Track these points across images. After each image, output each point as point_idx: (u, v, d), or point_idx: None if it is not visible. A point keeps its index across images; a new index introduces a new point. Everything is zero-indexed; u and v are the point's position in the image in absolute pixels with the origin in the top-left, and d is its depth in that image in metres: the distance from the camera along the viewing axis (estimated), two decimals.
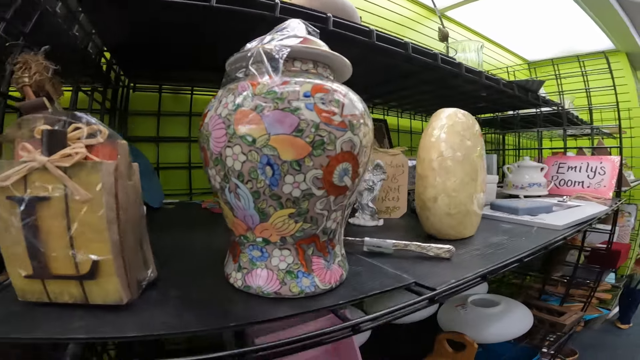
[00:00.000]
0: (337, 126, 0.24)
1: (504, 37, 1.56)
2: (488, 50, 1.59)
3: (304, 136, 0.23)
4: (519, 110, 1.19)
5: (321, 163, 0.24)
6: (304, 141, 0.23)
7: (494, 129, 1.38)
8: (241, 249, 0.28)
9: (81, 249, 0.22)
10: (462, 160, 0.46)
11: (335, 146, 0.24)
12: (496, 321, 0.88)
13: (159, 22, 0.44)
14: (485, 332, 0.85)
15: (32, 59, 0.30)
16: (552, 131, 1.36)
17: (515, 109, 1.19)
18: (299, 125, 0.23)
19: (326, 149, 0.24)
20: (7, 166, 0.21)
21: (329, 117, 0.24)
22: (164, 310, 0.24)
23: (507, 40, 1.58)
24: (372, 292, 0.29)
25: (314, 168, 0.24)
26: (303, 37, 0.29)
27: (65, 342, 0.20)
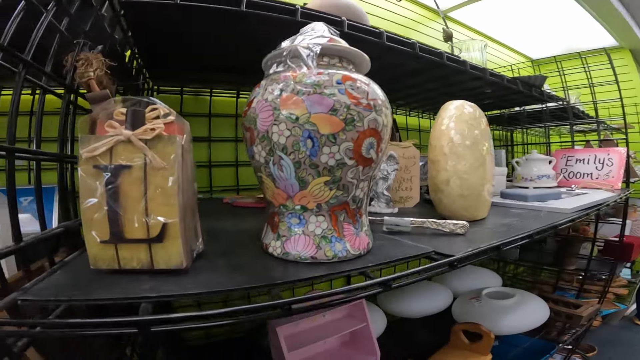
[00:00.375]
0: (365, 107, 0.29)
1: (507, 36, 1.60)
2: (492, 50, 1.62)
3: (338, 114, 0.27)
4: (525, 106, 1.22)
5: (352, 137, 0.28)
6: (338, 119, 0.27)
7: (502, 125, 1.41)
8: (280, 218, 0.32)
9: (153, 212, 0.26)
10: (471, 146, 0.49)
11: (363, 123, 0.28)
12: (511, 313, 0.89)
13: (190, 27, 0.50)
14: (500, 323, 0.86)
15: (92, 56, 0.35)
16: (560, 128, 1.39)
17: (521, 105, 1.22)
18: (334, 106, 0.27)
19: (356, 125, 0.28)
20: (94, 140, 0.26)
21: (357, 100, 0.28)
22: (217, 274, 0.28)
23: (510, 39, 1.61)
24: (396, 258, 0.33)
25: (346, 141, 0.28)
26: (329, 37, 0.33)
27: (138, 302, 0.24)
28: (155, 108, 0.28)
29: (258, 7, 0.44)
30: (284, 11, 0.46)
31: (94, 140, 0.26)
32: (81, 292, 0.23)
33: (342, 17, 0.51)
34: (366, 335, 0.70)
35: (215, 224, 0.51)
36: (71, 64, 0.36)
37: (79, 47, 0.36)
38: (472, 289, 1.05)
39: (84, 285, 0.25)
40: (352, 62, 0.35)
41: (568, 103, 1.05)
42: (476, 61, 1.04)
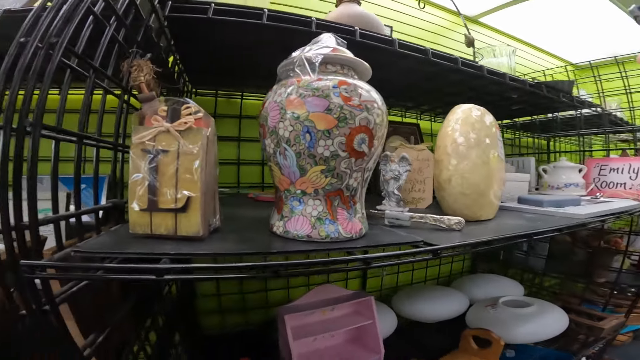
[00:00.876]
0: (357, 107, 0.33)
1: (545, 40, 1.54)
2: (529, 55, 1.57)
3: (332, 113, 0.33)
4: (557, 113, 1.18)
5: (344, 132, 0.33)
6: (332, 117, 0.33)
7: (533, 132, 1.36)
8: (284, 201, 0.37)
9: (181, 187, 0.33)
10: (475, 147, 0.52)
11: (355, 121, 0.33)
12: (527, 321, 0.87)
13: (225, 36, 0.57)
14: (514, 331, 0.84)
15: (143, 63, 0.43)
16: (600, 136, 1.31)
17: (553, 111, 1.18)
18: (329, 106, 0.33)
19: (348, 122, 0.33)
20: (143, 129, 0.33)
21: (350, 101, 0.33)
22: (226, 243, 0.34)
23: (548, 44, 1.55)
24: (383, 243, 0.37)
25: (339, 136, 0.33)
26: (333, 47, 0.39)
27: (160, 257, 0.30)
28: (189, 107, 0.34)
29: (278, 20, 0.50)
30: (300, 23, 0.52)
31: (142, 130, 0.33)
32: (118, 249, 0.30)
33: (355, 27, 0.56)
34: (372, 333, 0.73)
35: (235, 212, 0.58)
36: (127, 70, 0.45)
37: (133, 55, 0.45)
38: (491, 296, 1.04)
39: (122, 245, 0.32)
40: (354, 69, 0.40)
41: (603, 110, 1.01)
42: (504, 66, 1.03)
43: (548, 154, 1.44)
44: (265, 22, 0.50)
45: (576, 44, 1.47)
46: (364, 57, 0.39)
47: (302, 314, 0.69)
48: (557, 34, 1.44)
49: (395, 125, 1.19)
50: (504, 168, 0.61)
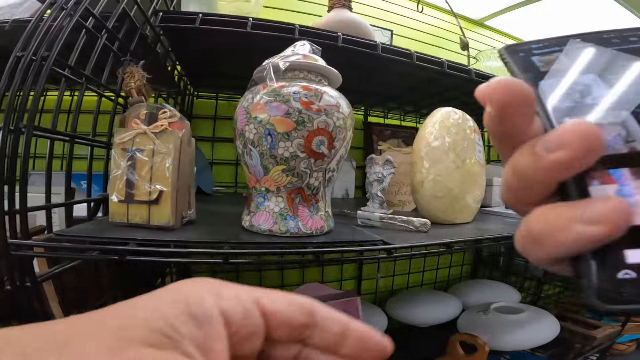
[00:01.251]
0: (315, 111, 0.36)
1: None
2: None
3: (291, 117, 0.35)
4: None
5: (303, 135, 0.36)
6: (291, 120, 0.35)
7: None
8: (252, 197, 0.41)
9: (154, 182, 0.36)
10: (449, 150, 0.53)
11: (313, 124, 0.36)
12: (517, 328, 0.86)
13: (215, 43, 0.61)
14: (503, 337, 0.84)
15: (135, 70, 0.47)
16: None
17: None
18: (288, 111, 0.35)
19: (306, 125, 0.36)
20: (124, 131, 0.37)
21: (308, 106, 0.36)
22: (193, 233, 0.37)
23: None
24: (342, 240, 0.39)
25: (297, 138, 0.36)
26: (303, 54, 0.41)
27: (127, 241, 0.34)
28: (165, 111, 0.38)
29: (261, 28, 0.54)
30: (284, 30, 0.55)
31: (123, 131, 0.37)
32: (95, 234, 0.34)
33: (338, 33, 0.59)
34: (353, 306, 0.75)
35: (219, 208, 0.62)
36: (121, 76, 0.49)
37: (126, 63, 0.49)
38: (485, 302, 1.03)
39: (100, 231, 0.36)
40: (323, 75, 0.42)
41: None
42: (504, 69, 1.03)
43: None
44: (250, 30, 0.53)
45: None
46: (355, 62, 0.41)
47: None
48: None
49: (393, 128, 1.21)
50: (484, 172, 0.62)
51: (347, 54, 0.64)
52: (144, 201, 0.36)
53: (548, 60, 0.15)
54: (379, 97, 1.05)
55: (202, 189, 0.82)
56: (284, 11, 0.96)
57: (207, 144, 0.98)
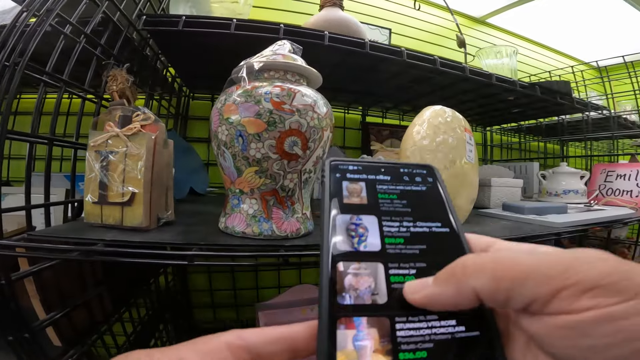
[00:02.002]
0: (287, 112, 0.35)
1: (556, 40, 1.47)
2: (540, 55, 1.51)
3: (262, 118, 0.35)
4: (563, 115, 1.12)
5: (274, 136, 0.35)
6: (262, 121, 0.35)
7: (539, 136, 1.31)
8: (228, 199, 0.40)
9: (127, 184, 0.36)
10: (435, 150, 0.52)
11: (285, 125, 0.35)
12: None
13: (203, 45, 0.61)
14: None
15: (118, 73, 0.47)
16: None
17: (558, 114, 1.13)
18: (259, 111, 0.35)
19: (277, 126, 0.35)
20: (97, 134, 0.37)
21: (279, 106, 0.35)
22: (167, 234, 0.37)
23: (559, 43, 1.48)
24: (315, 243, 0.38)
25: (269, 139, 0.35)
26: (282, 54, 0.41)
27: (96, 242, 0.34)
28: (138, 114, 0.38)
29: (246, 29, 0.53)
30: (268, 30, 0.54)
31: (96, 134, 0.38)
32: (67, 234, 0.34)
33: (325, 32, 0.58)
34: None
35: (206, 209, 0.62)
36: (104, 79, 0.49)
37: (109, 67, 0.50)
38: None
39: (73, 231, 0.36)
40: (301, 75, 0.42)
41: (610, 112, 0.95)
42: (505, 67, 1.00)
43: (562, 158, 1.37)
44: (234, 31, 0.53)
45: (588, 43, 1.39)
46: (347, 62, 0.40)
47: (281, 312, 0.71)
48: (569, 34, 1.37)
49: (392, 128, 1.19)
50: (476, 172, 0.61)
51: (338, 53, 0.63)
52: (117, 202, 0.36)
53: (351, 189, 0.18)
54: (375, 97, 1.04)
55: (196, 189, 0.83)
56: (276, 11, 0.96)
57: (203, 144, 0.99)
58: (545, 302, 0.12)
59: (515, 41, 1.46)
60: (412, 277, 0.15)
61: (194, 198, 0.78)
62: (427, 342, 0.14)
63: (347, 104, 1.12)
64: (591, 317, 0.12)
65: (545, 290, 0.12)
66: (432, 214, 0.18)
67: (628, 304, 0.12)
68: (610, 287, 0.12)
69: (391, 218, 0.17)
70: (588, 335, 0.12)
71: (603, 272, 0.12)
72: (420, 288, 0.14)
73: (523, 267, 0.13)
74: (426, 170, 0.20)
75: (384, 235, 0.17)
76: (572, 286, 0.12)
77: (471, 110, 1.09)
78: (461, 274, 0.14)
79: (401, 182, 0.19)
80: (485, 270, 0.13)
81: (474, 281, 0.13)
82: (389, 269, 0.15)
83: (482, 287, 0.13)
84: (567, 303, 0.12)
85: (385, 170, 0.19)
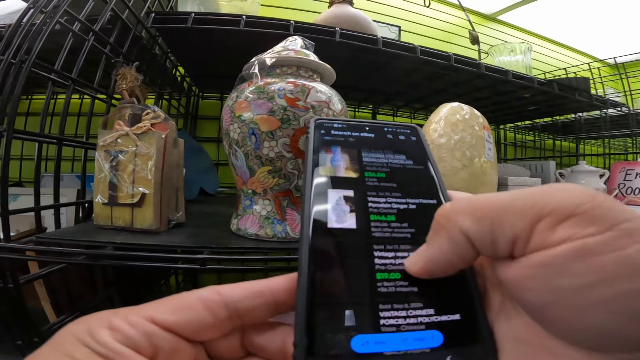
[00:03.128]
0: (302, 108, 0.34)
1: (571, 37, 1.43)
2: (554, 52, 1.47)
3: (275, 115, 0.33)
4: (580, 113, 1.09)
5: (288, 134, 0.34)
6: (276, 118, 0.33)
7: (556, 134, 1.27)
8: (240, 200, 0.39)
9: (137, 184, 0.35)
10: (453, 149, 0.50)
11: (299, 122, 0.34)
12: None
13: (212, 43, 0.60)
14: None
15: (127, 72, 0.46)
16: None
17: (575, 111, 1.09)
18: (272, 108, 0.33)
19: (291, 123, 0.34)
20: (107, 133, 0.36)
21: (293, 103, 0.34)
22: (177, 237, 0.36)
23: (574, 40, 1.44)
24: None
25: (283, 137, 0.34)
26: (294, 50, 0.39)
27: (106, 245, 0.33)
28: (148, 112, 0.37)
29: (256, 25, 0.52)
30: (279, 27, 0.53)
31: (106, 133, 0.37)
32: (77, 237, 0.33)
33: (336, 28, 0.56)
34: None
35: (217, 209, 0.61)
36: (114, 78, 0.49)
37: (118, 65, 0.49)
38: None
39: (82, 234, 0.35)
40: (314, 71, 0.40)
41: (629, 109, 0.92)
42: (519, 64, 0.98)
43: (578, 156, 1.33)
44: (243, 28, 0.52)
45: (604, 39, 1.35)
46: (358, 59, 0.39)
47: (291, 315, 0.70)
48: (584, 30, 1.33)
49: None
50: (495, 171, 0.58)
51: (349, 51, 0.61)
52: (127, 204, 0.35)
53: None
54: (387, 95, 1.02)
55: (206, 189, 0.82)
56: (285, 9, 0.95)
57: (213, 144, 0.98)
58: (525, 239, 0.12)
59: (528, 38, 1.43)
60: (387, 205, 0.16)
61: (204, 198, 0.77)
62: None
63: (358, 102, 1.10)
64: (566, 250, 0.11)
65: (523, 224, 0.12)
66: (413, 161, 0.18)
67: (603, 236, 0.10)
68: (585, 216, 0.11)
69: (370, 152, 0.18)
70: (563, 274, 0.11)
71: (578, 200, 0.11)
72: (418, 257, 0.14)
73: (498, 204, 0.12)
74: (410, 129, 0.20)
75: (363, 168, 0.17)
76: (547, 216, 0.11)
77: (485, 107, 1.06)
78: (446, 222, 0.13)
79: (384, 139, 0.19)
80: (466, 213, 0.13)
81: (461, 222, 0.13)
82: (368, 197, 0.16)
83: (469, 228, 0.13)
84: (544, 237, 0.11)
85: (370, 129, 0.20)
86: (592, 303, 0.10)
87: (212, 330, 0.13)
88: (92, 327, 0.12)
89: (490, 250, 0.13)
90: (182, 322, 0.13)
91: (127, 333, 0.12)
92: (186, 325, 0.13)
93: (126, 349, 0.12)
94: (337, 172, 0.17)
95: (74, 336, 0.12)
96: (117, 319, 0.12)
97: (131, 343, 0.12)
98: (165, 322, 0.13)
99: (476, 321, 0.13)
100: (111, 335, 0.12)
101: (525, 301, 0.12)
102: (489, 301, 0.14)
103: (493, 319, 0.13)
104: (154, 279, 0.71)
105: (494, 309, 0.14)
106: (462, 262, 0.13)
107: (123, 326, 0.12)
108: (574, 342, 0.11)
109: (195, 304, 0.13)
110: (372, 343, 0.12)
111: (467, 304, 0.14)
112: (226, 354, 0.15)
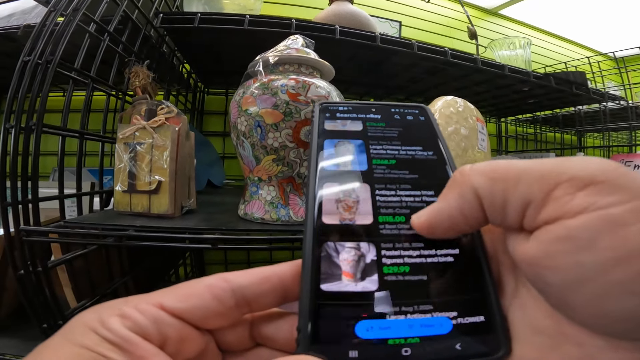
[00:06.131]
0: (303, 103, 0.37)
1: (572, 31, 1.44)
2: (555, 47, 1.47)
3: (279, 109, 0.36)
4: (580, 106, 1.10)
5: (291, 125, 0.37)
6: (279, 112, 0.36)
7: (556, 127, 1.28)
8: (247, 187, 0.42)
9: (154, 173, 0.39)
10: (447, 139, 0.52)
11: (300, 115, 0.37)
12: None
13: (218, 41, 0.63)
14: None
15: (140, 70, 0.49)
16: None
17: (574, 105, 1.10)
18: (276, 103, 0.36)
19: (293, 116, 0.37)
20: (125, 127, 0.40)
21: (295, 97, 0.37)
22: (189, 221, 0.39)
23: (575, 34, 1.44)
24: None
25: (286, 128, 0.37)
26: (295, 48, 0.42)
27: (127, 228, 0.36)
28: (163, 107, 0.40)
29: (259, 24, 0.55)
30: (281, 25, 0.56)
31: (125, 127, 0.40)
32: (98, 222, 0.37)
33: (335, 26, 0.59)
34: None
35: (224, 199, 0.64)
36: (127, 76, 0.52)
37: (131, 64, 0.52)
38: None
39: (106, 219, 0.38)
40: (314, 68, 0.43)
41: (628, 103, 0.93)
42: (519, 59, 0.99)
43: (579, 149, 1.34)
44: (247, 27, 0.54)
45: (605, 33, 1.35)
46: (357, 55, 0.41)
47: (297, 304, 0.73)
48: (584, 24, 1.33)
49: None
50: (488, 157, 0.61)
51: (348, 47, 0.64)
52: (145, 191, 0.38)
53: None
54: (388, 89, 1.04)
55: (213, 182, 0.85)
56: (286, 6, 0.97)
57: (219, 138, 1.01)
58: (539, 204, 0.11)
59: (529, 32, 1.43)
60: (394, 186, 0.15)
61: (212, 190, 0.81)
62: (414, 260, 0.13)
63: (359, 96, 1.12)
64: (592, 220, 0.10)
65: (539, 189, 0.11)
66: (421, 144, 0.17)
67: (628, 205, 0.10)
68: (606, 184, 0.10)
69: (378, 142, 0.17)
70: (588, 248, 0.10)
71: (599, 168, 0.11)
72: (424, 212, 0.14)
73: (516, 169, 0.12)
74: (418, 110, 0.19)
75: (370, 157, 0.16)
76: (565, 182, 0.11)
77: (485, 101, 1.08)
78: (460, 178, 0.13)
79: (392, 120, 0.18)
80: (482, 172, 0.12)
81: (474, 179, 0.12)
82: (374, 179, 0.15)
83: (480, 186, 0.12)
84: (562, 204, 0.10)
85: (376, 110, 0.18)
86: (621, 281, 0.09)
87: (220, 318, 0.13)
88: (102, 315, 0.12)
89: (500, 215, 0.12)
90: (190, 309, 0.13)
91: (137, 320, 0.12)
92: (194, 312, 0.13)
93: (134, 336, 0.12)
94: (342, 156, 0.16)
95: (84, 324, 0.12)
96: (127, 307, 0.12)
97: (140, 330, 0.12)
98: (173, 309, 0.13)
99: (488, 308, 0.12)
100: (121, 322, 0.12)
101: (543, 283, 0.11)
102: (502, 286, 0.13)
103: (507, 305, 0.13)
104: (164, 268, 0.75)
105: (507, 295, 0.13)
106: (466, 224, 0.13)
107: (133, 313, 0.12)
108: (599, 328, 0.10)
109: (203, 290, 0.13)
110: (376, 329, 0.12)
111: (479, 290, 0.13)
112: (235, 344, 0.14)
